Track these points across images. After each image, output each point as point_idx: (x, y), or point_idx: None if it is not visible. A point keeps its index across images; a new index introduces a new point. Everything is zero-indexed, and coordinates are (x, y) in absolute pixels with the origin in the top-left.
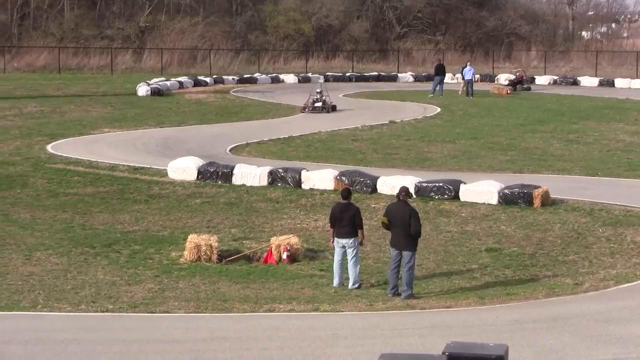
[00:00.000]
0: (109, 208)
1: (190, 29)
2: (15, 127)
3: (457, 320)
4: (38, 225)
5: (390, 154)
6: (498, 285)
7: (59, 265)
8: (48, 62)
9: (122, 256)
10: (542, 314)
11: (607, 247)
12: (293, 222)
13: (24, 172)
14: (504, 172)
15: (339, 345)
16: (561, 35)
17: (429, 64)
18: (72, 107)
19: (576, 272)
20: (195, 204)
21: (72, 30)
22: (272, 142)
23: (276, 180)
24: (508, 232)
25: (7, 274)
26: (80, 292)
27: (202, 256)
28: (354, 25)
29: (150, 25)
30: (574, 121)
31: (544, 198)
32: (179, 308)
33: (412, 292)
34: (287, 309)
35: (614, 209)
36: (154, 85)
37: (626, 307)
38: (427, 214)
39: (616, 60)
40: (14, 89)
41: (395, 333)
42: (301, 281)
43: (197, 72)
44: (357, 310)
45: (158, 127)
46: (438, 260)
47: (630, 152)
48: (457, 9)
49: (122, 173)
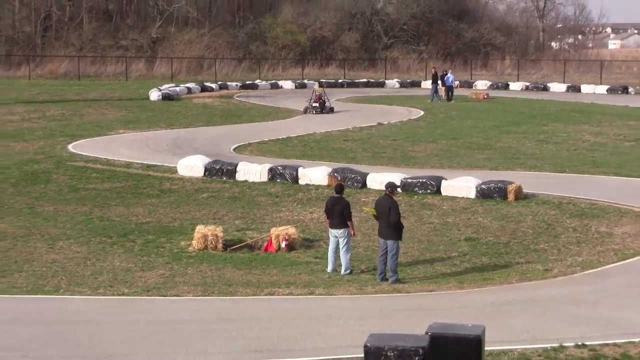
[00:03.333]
0: (124, 202)
1: (197, 40)
2: (40, 128)
3: (439, 303)
4: (60, 217)
5: (379, 152)
6: (476, 271)
7: (80, 254)
8: (68, 69)
9: (137, 245)
10: (515, 297)
11: (574, 237)
12: (291, 215)
13: (47, 169)
14: (481, 169)
15: (332, 325)
16: (532, 46)
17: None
18: (90, 110)
19: (546, 259)
20: (203, 198)
21: (90, 41)
22: (272, 142)
23: (275, 176)
24: (485, 223)
25: (32, 261)
26: (98, 278)
27: (209, 245)
28: (346, 37)
29: (161, 37)
30: (544, 123)
31: (517, 192)
32: (188, 292)
33: (398, 277)
34: (286, 293)
35: (580, 203)
36: (165, 90)
37: (591, 290)
38: (411, 207)
39: (582, 68)
40: (38, 94)
41: (383, 314)
42: (298, 267)
43: (204, 78)
44: (349, 294)
45: (168, 128)
46: (422, 249)
47: (594, 151)
48: (438, 21)
49: (136, 170)
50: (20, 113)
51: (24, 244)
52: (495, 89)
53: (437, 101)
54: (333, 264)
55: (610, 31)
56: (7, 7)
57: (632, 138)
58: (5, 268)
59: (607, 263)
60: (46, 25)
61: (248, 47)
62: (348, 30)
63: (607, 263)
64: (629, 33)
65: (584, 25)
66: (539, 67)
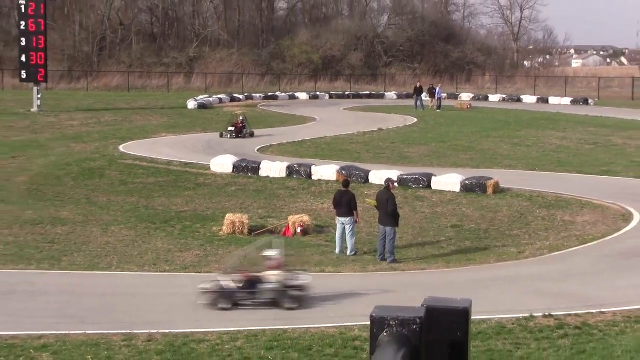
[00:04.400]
0: (165, 193)
1: (227, 58)
2: (95, 132)
3: (429, 280)
4: (112, 206)
5: (379, 153)
6: (460, 253)
7: (128, 237)
8: (120, 83)
9: (176, 230)
10: (493, 275)
11: (542, 225)
12: (305, 205)
13: (101, 166)
14: (465, 167)
15: (339, 298)
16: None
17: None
18: (138, 117)
19: (519, 243)
20: (231, 190)
21: (138, 59)
22: (290, 144)
23: (292, 173)
24: (468, 213)
25: (89, 243)
26: (144, 257)
27: (237, 230)
28: (352, 56)
29: (197, 55)
30: (518, 129)
31: (495, 187)
32: (219, 269)
33: (395, 258)
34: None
35: (548, 196)
36: (200, 100)
37: (557, 270)
38: (406, 199)
39: (550, 83)
40: (94, 103)
41: (382, 289)
42: (311, 249)
43: (233, 90)
44: (354, 272)
45: (203, 132)
46: (415, 234)
47: (560, 153)
48: (429, 43)
49: (175, 167)
50: (80, 119)
51: (82, 228)
52: (477, 100)
53: (420, 110)
54: (340, 246)
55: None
56: (69, 30)
57: (591, 142)
58: (66, 249)
59: (571, 247)
60: (102, 45)
61: (270, 64)
62: (354, 50)
63: (571, 247)
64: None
65: (551, 47)
66: (513, 82)
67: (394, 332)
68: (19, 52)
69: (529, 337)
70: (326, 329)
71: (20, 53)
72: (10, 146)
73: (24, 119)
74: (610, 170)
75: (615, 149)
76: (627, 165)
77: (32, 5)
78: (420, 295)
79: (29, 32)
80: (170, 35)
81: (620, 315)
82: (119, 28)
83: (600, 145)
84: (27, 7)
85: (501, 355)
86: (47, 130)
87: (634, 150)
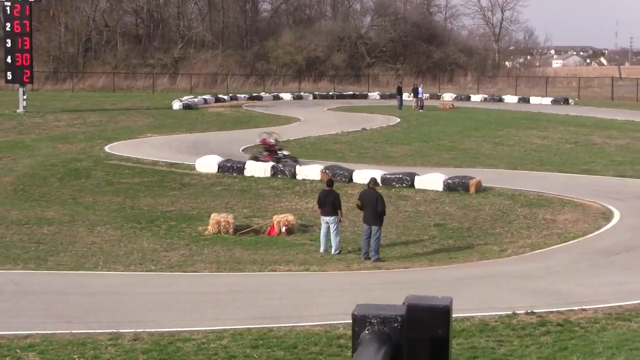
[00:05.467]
0: (151, 193)
1: (212, 59)
2: (81, 132)
3: (413, 278)
4: (98, 206)
5: (363, 153)
6: (443, 251)
7: (114, 237)
8: (105, 84)
9: (162, 229)
10: (476, 273)
11: (524, 223)
12: (290, 204)
13: (87, 167)
14: (448, 166)
15: (324, 296)
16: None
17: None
18: (123, 117)
19: (501, 241)
20: (217, 190)
21: (123, 60)
22: None
23: (277, 172)
24: (450, 211)
25: (75, 243)
26: (130, 257)
27: (222, 230)
28: (335, 57)
29: (182, 56)
30: (499, 129)
31: (477, 186)
32: (204, 268)
33: (379, 256)
34: (286, 269)
35: (529, 194)
36: (185, 101)
37: (538, 267)
38: (390, 198)
39: (530, 83)
40: (80, 104)
41: (366, 287)
42: (296, 248)
43: (217, 91)
44: (338, 270)
45: (188, 132)
46: (398, 233)
47: (541, 152)
48: (412, 44)
49: (161, 167)
50: (65, 120)
51: (68, 228)
52: (459, 100)
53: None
54: (324, 245)
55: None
56: (55, 32)
57: (572, 141)
58: (53, 248)
59: (552, 244)
60: (87, 47)
61: (254, 65)
62: (337, 51)
63: (552, 244)
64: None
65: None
66: (495, 82)
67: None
68: (4, 53)
69: (512, 334)
70: (311, 327)
71: (6, 54)
72: None
73: (9, 119)
74: (590, 169)
75: (595, 148)
76: (606, 164)
77: (18, 7)
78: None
79: (14, 34)
80: (155, 37)
81: (602, 312)
82: (104, 29)
83: (581, 145)
84: (13, 8)
85: (484, 352)
86: (33, 130)
87: (614, 149)
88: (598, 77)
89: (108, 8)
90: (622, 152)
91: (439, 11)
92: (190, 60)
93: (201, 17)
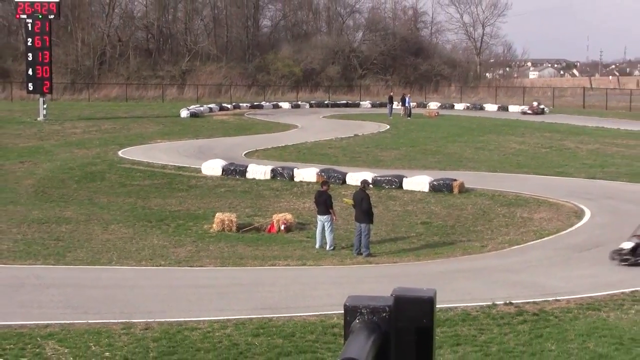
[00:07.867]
0: (161, 195)
1: (216, 71)
2: (96, 139)
3: (401, 271)
4: (112, 206)
5: (355, 157)
6: (429, 247)
7: (127, 234)
8: (118, 94)
9: (170, 228)
10: (459, 267)
11: (503, 221)
12: (288, 204)
13: (102, 170)
14: (433, 169)
15: (319, 289)
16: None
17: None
18: (135, 125)
19: (482, 238)
20: (221, 191)
21: (135, 72)
22: (274, 149)
23: (276, 175)
24: (436, 210)
25: (91, 240)
26: (141, 252)
27: (225, 228)
28: (330, 68)
29: (189, 69)
30: (480, 135)
31: (460, 187)
32: (210, 263)
33: (370, 252)
34: (284, 264)
35: (508, 195)
36: (192, 109)
37: (517, 261)
38: (380, 199)
39: (509, 92)
40: (95, 112)
41: (358, 280)
42: (294, 245)
43: (222, 100)
44: (332, 265)
45: (194, 138)
46: (388, 230)
47: (519, 156)
48: (400, 57)
49: (170, 170)
50: (82, 127)
51: (84, 227)
52: (443, 108)
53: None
54: (320, 242)
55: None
56: (72, 46)
57: (547, 146)
58: (70, 245)
59: (528, 241)
60: (102, 60)
61: (255, 76)
62: (332, 63)
63: (528, 241)
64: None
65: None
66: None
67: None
68: (26, 66)
69: (492, 323)
70: (307, 317)
71: (27, 67)
72: (18, 152)
73: (31, 127)
74: (564, 171)
75: (568, 152)
76: (578, 167)
77: (38, 24)
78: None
79: (35, 48)
80: (165, 51)
81: (574, 303)
82: (118, 44)
83: (555, 149)
84: (34, 25)
85: (466, 340)
86: (52, 137)
87: (585, 154)
88: (571, 87)
89: (121, 24)
90: (592, 156)
91: (425, 27)
92: (196, 72)
93: (207, 32)
